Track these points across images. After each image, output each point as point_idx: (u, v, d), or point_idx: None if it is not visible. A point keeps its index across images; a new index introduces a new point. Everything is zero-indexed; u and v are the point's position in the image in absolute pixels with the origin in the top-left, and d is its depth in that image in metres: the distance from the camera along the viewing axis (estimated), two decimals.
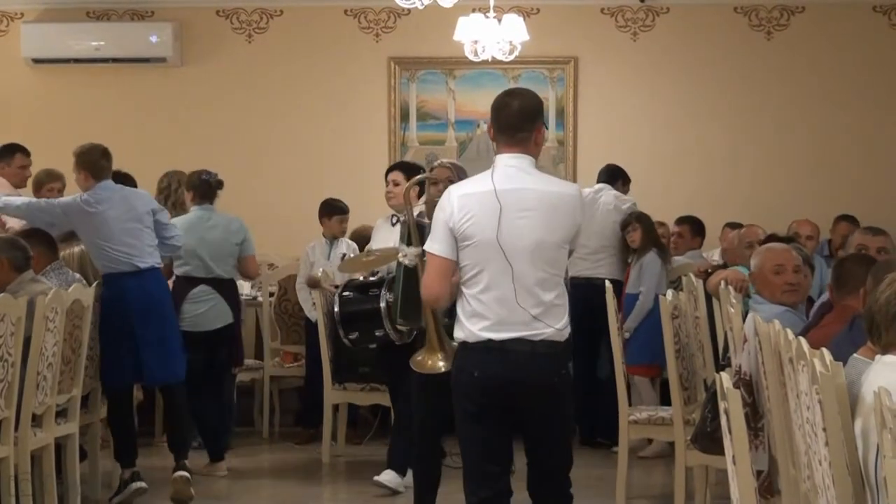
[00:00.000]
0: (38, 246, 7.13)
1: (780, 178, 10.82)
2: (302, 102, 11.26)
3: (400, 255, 5.97)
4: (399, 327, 6.91)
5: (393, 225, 7.43)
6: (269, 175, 10.96)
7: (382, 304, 7.01)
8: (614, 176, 9.95)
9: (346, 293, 7.32)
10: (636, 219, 9.34)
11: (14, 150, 9.19)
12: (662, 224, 10.38)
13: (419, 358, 5.58)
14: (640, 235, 9.26)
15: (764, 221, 9.31)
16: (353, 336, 7.29)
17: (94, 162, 7.62)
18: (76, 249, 7.81)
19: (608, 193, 9.72)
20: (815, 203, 10.43)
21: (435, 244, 4.81)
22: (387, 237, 7.39)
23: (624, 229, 9.35)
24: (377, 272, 7.32)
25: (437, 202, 4.98)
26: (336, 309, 7.27)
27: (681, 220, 10.17)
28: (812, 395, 3.79)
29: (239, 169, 10.87)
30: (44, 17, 11.36)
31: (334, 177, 11.04)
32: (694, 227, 10.05)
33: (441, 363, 5.47)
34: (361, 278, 7.45)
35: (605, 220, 9.48)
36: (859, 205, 10.54)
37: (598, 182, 9.89)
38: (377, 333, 7.13)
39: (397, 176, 7.49)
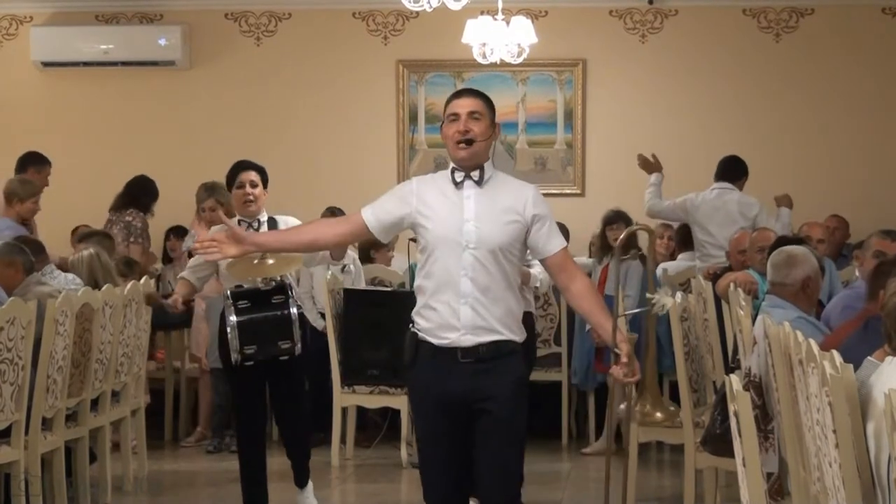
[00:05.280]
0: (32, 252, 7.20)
1: (788, 179, 10.79)
2: (310, 105, 11.27)
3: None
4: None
5: None
6: (277, 178, 10.76)
7: (293, 310, 6.42)
8: (737, 172, 9.61)
9: (241, 302, 6.44)
10: (623, 219, 9.24)
11: (44, 160, 9.47)
12: (669, 227, 10.38)
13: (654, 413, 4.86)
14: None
15: (772, 224, 9.29)
16: (250, 350, 6.43)
17: None
18: (85, 253, 7.83)
19: (732, 197, 9.47)
20: (824, 205, 10.41)
21: None
22: None
23: (607, 225, 9.25)
24: (272, 279, 6.58)
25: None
26: (233, 319, 6.40)
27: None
28: (822, 396, 3.79)
29: None
30: (53, 21, 11.38)
31: (342, 179, 11.05)
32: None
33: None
34: (246, 285, 6.59)
35: (731, 231, 9.06)
36: (867, 206, 10.54)
37: (718, 179, 9.59)
38: (282, 345, 6.44)
39: (255, 177, 6.78)
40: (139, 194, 9.78)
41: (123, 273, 8.43)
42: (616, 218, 9.26)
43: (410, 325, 4.80)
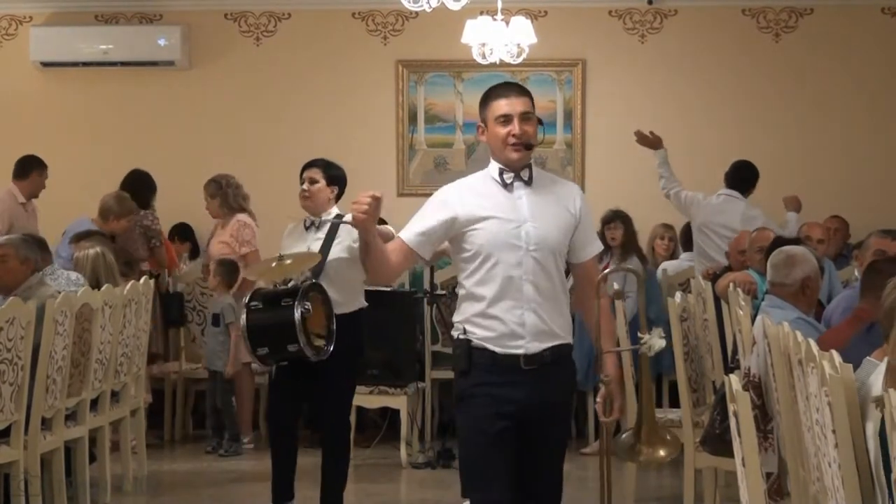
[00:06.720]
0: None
1: (788, 179, 10.79)
2: (309, 105, 11.27)
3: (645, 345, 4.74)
4: (316, 343, 6.40)
5: (307, 229, 6.76)
6: (276, 178, 10.93)
7: (297, 315, 6.36)
8: (747, 182, 9.40)
9: (253, 303, 6.52)
10: (620, 218, 9.26)
11: (43, 163, 9.46)
12: (670, 227, 10.39)
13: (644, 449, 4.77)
14: (621, 235, 9.21)
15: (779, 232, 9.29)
16: (263, 352, 6.49)
17: None
18: (91, 251, 7.83)
19: (737, 207, 9.30)
20: (824, 205, 10.41)
21: None
22: (298, 245, 6.68)
23: (605, 224, 9.29)
24: (290, 280, 6.61)
25: None
26: (242, 320, 6.55)
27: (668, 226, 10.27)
28: (821, 396, 3.79)
29: (246, 172, 10.87)
30: (52, 21, 11.38)
31: None
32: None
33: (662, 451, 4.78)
34: (272, 286, 6.71)
35: (728, 238, 8.97)
36: (867, 206, 10.54)
37: (727, 186, 9.40)
38: (290, 349, 6.42)
39: (315, 174, 6.84)
40: (137, 190, 9.73)
41: (123, 273, 8.43)
42: (613, 217, 9.29)
43: (459, 333, 4.57)
